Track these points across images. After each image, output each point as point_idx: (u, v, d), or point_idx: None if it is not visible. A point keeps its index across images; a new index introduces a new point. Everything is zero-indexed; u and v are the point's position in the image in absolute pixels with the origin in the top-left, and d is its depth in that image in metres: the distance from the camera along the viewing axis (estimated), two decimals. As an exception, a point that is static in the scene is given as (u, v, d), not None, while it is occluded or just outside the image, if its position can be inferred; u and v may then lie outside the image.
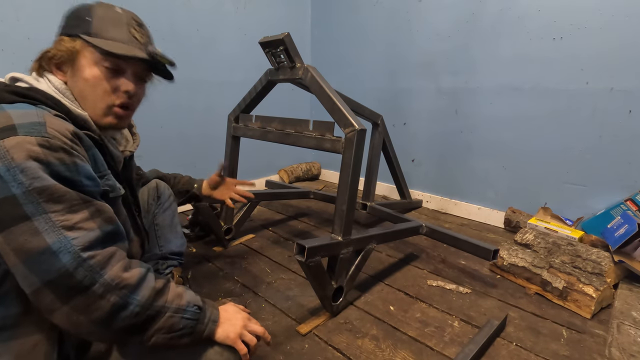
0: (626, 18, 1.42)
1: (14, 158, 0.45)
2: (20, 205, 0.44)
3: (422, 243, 1.67)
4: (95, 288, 0.47)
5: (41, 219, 0.45)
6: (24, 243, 0.45)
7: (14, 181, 0.44)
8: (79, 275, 0.46)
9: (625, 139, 1.49)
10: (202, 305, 0.60)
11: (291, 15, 2.50)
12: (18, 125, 0.47)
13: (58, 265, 0.45)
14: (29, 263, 0.45)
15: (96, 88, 0.62)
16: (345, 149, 1.06)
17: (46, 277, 0.45)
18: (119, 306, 0.49)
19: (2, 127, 0.47)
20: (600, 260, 1.23)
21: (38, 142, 0.47)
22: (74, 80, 0.62)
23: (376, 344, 1.01)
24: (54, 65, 0.62)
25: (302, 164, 2.73)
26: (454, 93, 1.97)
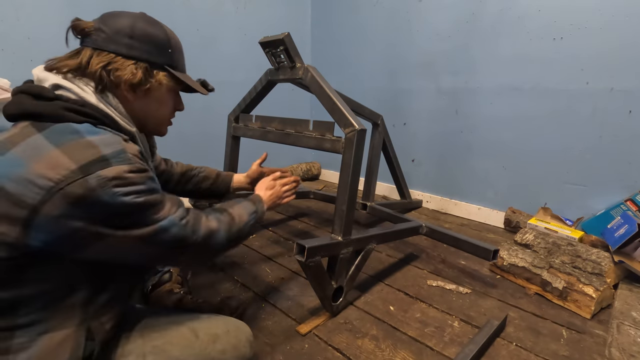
0: (626, 18, 1.42)
1: (117, 186, 0.52)
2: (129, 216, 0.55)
3: (422, 243, 1.67)
4: (199, 236, 0.66)
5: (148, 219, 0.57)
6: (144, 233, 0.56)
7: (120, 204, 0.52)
8: (187, 233, 0.63)
9: (625, 139, 1.49)
10: (255, 208, 0.88)
11: (291, 15, 2.50)
12: (109, 156, 0.52)
13: (172, 234, 0.60)
14: (154, 242, 0.58)
15: (166, 110, 0.72)
16: (345, 149, 1.06)
17: (168, 245, 0.61)
18: (216, 242, 0.71)
19: (94, 158, 0.51)
20: (600, 260, 1.23)
21: (129, 170, 0.54)
22: (139, 105, 0.66)
23: (376, 344, 1.01)
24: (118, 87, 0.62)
25: (302, 164, 2.73)
26: (454, 93, 1.97)
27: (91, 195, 0.49)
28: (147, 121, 0.70)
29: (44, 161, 0.48)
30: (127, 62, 0.62)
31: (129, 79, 0.62)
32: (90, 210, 0.50)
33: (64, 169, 0.48)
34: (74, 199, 0.48)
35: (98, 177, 0.49)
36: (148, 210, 0.57)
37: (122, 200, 0.52)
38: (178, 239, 0.62)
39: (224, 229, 0.73)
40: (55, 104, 0.54)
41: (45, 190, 0.47)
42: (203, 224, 0.68)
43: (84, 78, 0.60)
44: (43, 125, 0.53)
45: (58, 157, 0.49)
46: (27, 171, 0.48)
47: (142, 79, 0.63)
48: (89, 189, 0.49)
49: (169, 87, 0.69)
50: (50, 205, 0.48)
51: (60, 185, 0.48)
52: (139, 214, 0.56)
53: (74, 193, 0.48)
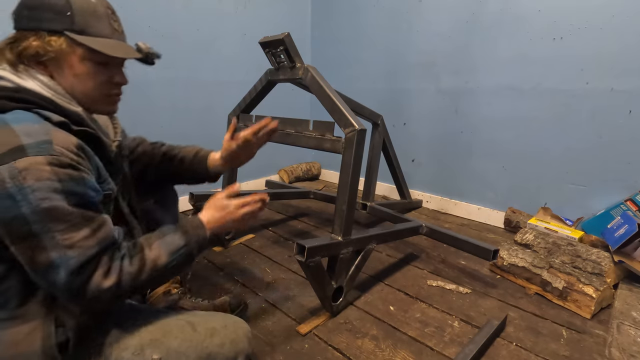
0: (626, 18, 1.42)
1: (26, 178, 0.47)
2: (29, 224, 0.49)
3: (422, 243, 1.67)
4: (86, 296, 0.54)
5: (47, 237, 0.50)
6: (32, 257, 0.51)
7: (24, 201, 0.48)
8: (73, 288, 0.53)
9: (625, 139, 1.49)
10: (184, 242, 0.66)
11: (291, 15, 2.50)
12: (27, 146, 0.49)
13: (58, 278, 0.52)
14: (37, 273, 0.52)
15: (90, 82, 0.63)
16: (345, 149, 1.06)
17: (51, 286, 0.53)
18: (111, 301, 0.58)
19: (11, 147, 0.48)
20: (600, 260, 1.23)
21: (48, 162, 0.49)
22: (61, 76, 0.61)
23: (376, 344, 1.01)
24: (34, 62, 0.59)
25: (302, 164, 2.73)
26: (454, 93, 1.97)
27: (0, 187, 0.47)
28: (81, 97, 0.63)
29: None
30: (29, 34, 0.58)
31: (32, 53, 0.58)
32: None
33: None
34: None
35: (9, 168, 0.47)
36: (50, 224, 0.50)
37: (28, 198, 0.48)
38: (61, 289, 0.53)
39: (125, 284, 0.58)
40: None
41: None
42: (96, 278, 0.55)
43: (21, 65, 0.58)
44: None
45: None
46: None
47: (40, 48, 0.58)
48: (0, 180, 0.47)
49: (80, 55, 0.60)
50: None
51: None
52: (41, 224, 0.49)
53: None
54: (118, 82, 0.66)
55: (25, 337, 0.56)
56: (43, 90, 0.58)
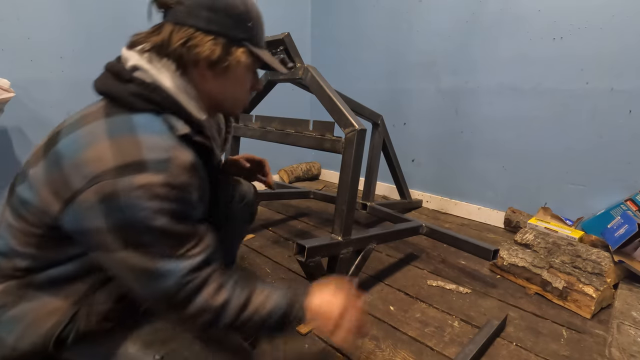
0: (626, 18, 1.42)
1: (140, 197, 0.49)
2: (141, 235, 0.50)
3: (422, 243, 1.67)
4: (190, 308, 0.54)
5: (156, 249, 0.51)
6: (139, 264, 0.51)
7: (136, 216, 0.49)
8: (179, 297, 0.53)
9: (625, 139, 1.49)
10: (286, 310, 0.62)
11: (291, 15, 2.50)
12: (148, 162, 0.50)
13: (163, 286, 0.52)
14: (140, 281, 0.53)
15: (241, 88, 0.66)
16: (345, 149, 1.06)
17: (152, 295, 0.54)
18: (209, 323, 0.56)
19: (132, 160, 0.49)
20: (600, 260, 1.23)
21: (163, 181, 0.50)
22: (216, 84, 0.62)
23: (376, 344, 1.01)
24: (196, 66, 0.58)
25: (302, 164, 2.73)
26: (454, 93, 1.97)
27: (115, 198, 0.48)
28: (223, 102, 0.65)
29: (95, 151, 0.50)
30: (206, 37, 0.57)
31: (207, 56, 0.57)
32: (110, 213, 0.49)
33: (105, 164, 0.49)
34: (102, 196, 0.48)
35: (126, 182, 0.49)
36: (158, 240, 0.51)
37: (138, 215, 0.49)
38: (165, 298, 0.53)
39: (231, 308, 0.56)
40: (125, 88, 0.55)
41: (87, 179, 0.49)
42: (205, 294, 0.54)
43: (164, 59, 0.57)
44: (112, 110, 0.54)
45: (106, 151, 0.50)
46: (81, 155, 0.50)
47: (220, 56, 0.58)
48: (115, 191, 0.48)
49: (248, 64, 0.63)
50: (85, 195, 0.49)
51: (97, 180, 0.48)
52: (148, 237, 0.51)
53: (104, 189, 0.48)
54: (256, 89, 0.70)
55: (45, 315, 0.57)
56: (177, 93, 0.58)
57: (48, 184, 0.52)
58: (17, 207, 0.55)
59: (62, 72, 1.60)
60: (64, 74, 1.60)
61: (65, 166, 0.51)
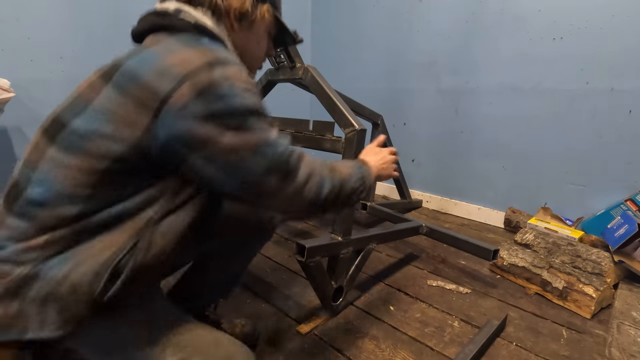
0: (626, 18, 1.42)
1: (233, 84, 0.53)
2: (245, 116, 0.54)
3: (422, 243, 1.67)
4: (300, 176, 0.60)
5: (263, 125, 0.56)
6: (253, 139, 0.54)
7: (237, 97, 0.53)
8: (292, 162, 0.59)
9: (625, 139, 1.49)
10: (360, 171, 0.74)
11: (291, 15, 2.48)
12: (230, 59, 0.55)
13: (279, 150, 0.57)
14: (258, 153, 0.55)
15: (260, 51, 0.73)
16: (345, 149, 1.06)
17: (271, 162, 0.56)
18: (318, 188, 0.63)
19: (220, 57, 0.54)
20: (600, 260, 1.23)
21: (245, 76, 0.56)
22: (241, 36, 0.67)
23: (376, 344, 1.01)
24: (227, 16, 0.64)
25: (302, 164, 2.72)
26: (454, 93, 1.97)
27: (214, 85, 0.51)
28: (244, 56, 0.69)
29: (178, 56, 0.53)
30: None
31: (238, 7, 0.64)
32: (211, 102, 0.51)
33: (194, 63, 0.52)
34: (200, 88, 0.50)
35: (222, 71, 0.53)
36: (259, 117, 0.56)
37: (240, 95, 0.53)
38: (281, 163, 0.57)
39: (327, 176, 0.65)
40: (184, 21, 0.59)
41: (177, 79, 0.50)
42: (306, 161, 0.62)
43: (199, 7, 0.62)
44: (173, 34, 0.58)
45: (190, 54, 0.53)
46: (162, 63, 0.52)
47: (249, 8, 0.65)
48: (214, 79, 0.51)
49: (269, 24, 0.70)
50: (178, 94, 0.50)
51: (190, 76, 0.51)
52: (251, 117, 0.55)
53: (200, 82, 0.51)
54: (270, 54, 0.78)
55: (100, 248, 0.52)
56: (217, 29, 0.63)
57: (125, 102, 0.51)
58: (73, 143, 0.52)
59: (62, 72, 1.60)
60: (64, 74, 1.60)
61: (146, 77, 0.51)
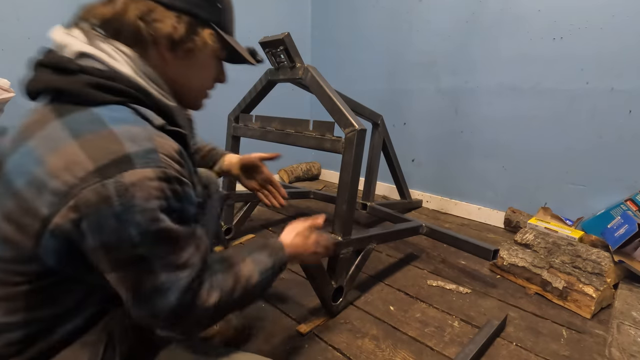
0: (626, 18, 1.42)
1: (134, 196, 0.41)
2: (137, 247, 0.43)
3: (422, 243, 1.67)
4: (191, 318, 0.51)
5: (157, 260, 0.45)
6: (139, 282, 0.45)
7: (132, 222, 0.42)
8: (182, 309, 0.48)
9: (625, 139, 1.49)
10: (272, 264, 0.64)
11: (291, 15, 2.50)
12: (133, 155, 0.42)
13: (166, 301, 0.47)
14: (140, 298, 0.46)
15: (205, 81, 0.63)
16: (345, 149, 1.06)
17: (154, 311, 0.47)
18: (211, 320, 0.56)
19: (116, 157, 0.41)
20: (600, 260, 1.23)
21: (156, 176, 0.43)
22: (178, 68, 0.55)
23: (376, 344, 1.01)
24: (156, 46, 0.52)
25: (302, 164, 2.73)
26: (454, 93, 1.97)
27: (105, 205, 0.41)
28: (184, 90, 0.59)
29: (60, 157, 0.41)
30: (168, 12, 0.51)
31: (169, 34, 0.51)
32: (101, 227, 0.41)
33: (81, 169, 0.41)
34: (86, 208, 0.41)
35: (116, 183, 0.41)
36: (160, 247, 0.45)
37: (136, 220, 0.42)
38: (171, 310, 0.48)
39: (224, 301, 0.54)
40: (78, 79, 0.45)
41: (59, 196, 0.40)
42: (202, 298, 0.51)
43: (113, 41, 0.49)
44: (63, 108, 0.45)
45: (75, 153, 0.41)
46: (42, 170, 0.41)
47: (185, 34, 0.52)
48: (105, 197, 0.40)
49: (214, 50, 0.57)
50: (61, 216, 0.41)
51: (75, 191, 0.40)
52: (149, 247, 0.44)
53: (87, 201, 0.40)
54: (220, 80, 0.67)
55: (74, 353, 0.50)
56: (138, 78, 0.50)
57: (5, 220, 0.43)
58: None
59: (62, 72, 1.60)
60: (64, 74, 1.60)
61: (22, 190, 0.42)
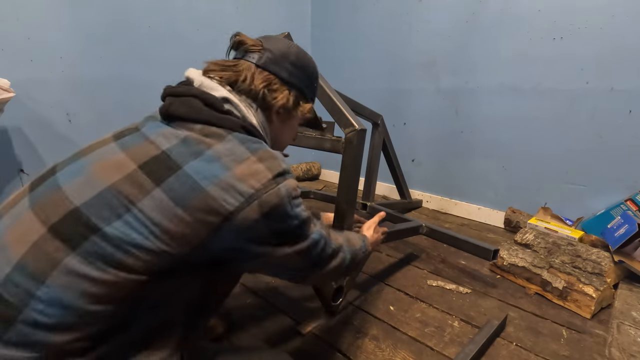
0: (626, 18, 1.42)
1: (294, 197, 0.55)
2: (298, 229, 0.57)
3: (422, 243, 1.67)
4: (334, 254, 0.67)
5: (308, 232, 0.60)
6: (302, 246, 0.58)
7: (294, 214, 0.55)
8: (328, 253, 0.65)
9: (625, 139, 1.49)
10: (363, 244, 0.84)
11: (291, 15, 2.50)
12: (286, 170, 0.55)
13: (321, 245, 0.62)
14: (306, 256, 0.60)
15: (289, 139, 0.75)
16: (345, 149, 1.06)
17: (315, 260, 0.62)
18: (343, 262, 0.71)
19: (282, 169, 0.54)
20: (600, 260, 1.23)
21: (296, 184, 0.57)
22: (277, 128, 0.67)
23: (376, 344, 1.01)
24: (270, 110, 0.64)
25: (302, 164, 2.73)
26: (454, 93, 1.97)
27: (281, 204, 0.52)
28: (276, 143, 0.71)
29: (244, 168, 0.50)
30: (284, 87, 0.63)
31: (283, 104, 0.63)
32: (274, 223, 0.52)
33: (262, 179, 0.51)
34: (266, 210, 0.50)
35: (286, 187, 0.53)
36: (307, 225, 0.59)
37: (297, 212, 0.55)
38: (323, 254, 0.63)
39: (347, 250, 0.72)
40: (233, 120, 0.56)
41: (244, 197, 0.49)
42: (334, 239, 0.68)
43: (243, 96, 0.60)
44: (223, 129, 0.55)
45: (256, 164, 0.52)
46: (228, 175, 0.49)
47: (292, 106, 0.65)
48: (280, 199, 0.51)
49: (302, 116, 0.70)
50: (244, 214, 0.49)
51: (258, 195, 0.49)
52: (302, 227, 0.58)
53: (267, 203, 0.50)
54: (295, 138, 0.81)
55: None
56: (261, 130, 0.62)
57: (181, 218, 0.47)
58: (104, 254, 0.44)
59: (62, 72, 1.60)
60: (64, 74, 1.60)
61: (211, 192, 0.48)
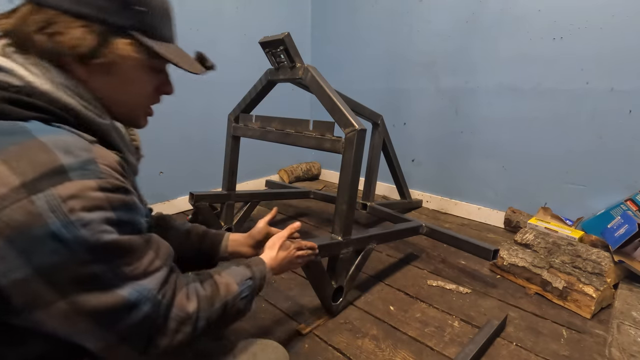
0: (626, 18, 1.42)
1: (73, 210, 0.36)
2: (86, 266, 0.38)
3: (422, 243, 1.67)
4: (170, 327, 0.46)
5: (113, 275, 0.40)
6: (98, 304, 0.39)
7: (74, 240, 0.36)
8: (158, 319, 0.44)
9: (625, 139, 1.49)
10: (251, 275, 0.63)
11: (291, 15, 2.50)
12: (68, 167, 0.37)
13: (140, 315, 0.42)
14: (105, 321, 0.40)
15: (138, 97, 0.52)
16: (345, 149, 1.06)
17: (125, 331, 0.42)
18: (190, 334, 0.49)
19: (47, 169, 0.36)
20: (600, 260, 1.23)
21: (99, 186, 0.38)
22: (102, 80, 0.46)
23: (376, 344, 1.01)
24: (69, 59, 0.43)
25: (302, 164, 2.73)
26: (454, 93, 1.97)
27: (36, 224, 0.34)
28: (116, 107, 0.49)
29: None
30: (75, 22, 0.42)
31: (73, 47, 0.42)
32: (32, 249, 0.35)
33: (3, 185, 0.34)
34: (11, 230, 0.34)
35: (48, 197, 0.35)
36: (116, 260, 0.40)
37: (79, 234, 0.36)
38: (146, 324, 0.43)
39: (204, 309, 0.51)
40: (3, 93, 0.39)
41: None
42: (180, 300, 0.48)
43: (28, 55, 0.42)
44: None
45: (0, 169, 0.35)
46: None
47: (94, 47, 0.43)
48: (34, 215, 0.34)
49: (139, 60, 0.47)
50: None
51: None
52: (102, 263, 0.38)
53: (12, 221, 0.34)
54: (165, 92, 0.56)
55: None
56: (60, 92, 0.42)
57: None
58: None
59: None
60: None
61: None
